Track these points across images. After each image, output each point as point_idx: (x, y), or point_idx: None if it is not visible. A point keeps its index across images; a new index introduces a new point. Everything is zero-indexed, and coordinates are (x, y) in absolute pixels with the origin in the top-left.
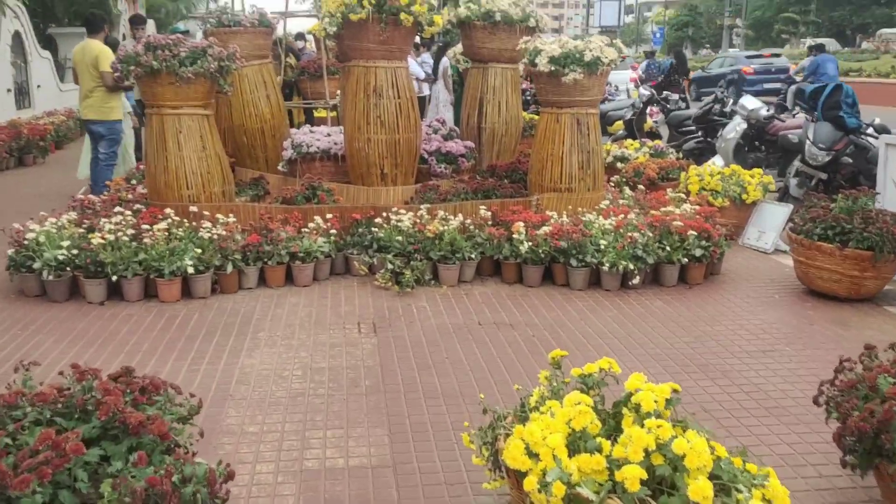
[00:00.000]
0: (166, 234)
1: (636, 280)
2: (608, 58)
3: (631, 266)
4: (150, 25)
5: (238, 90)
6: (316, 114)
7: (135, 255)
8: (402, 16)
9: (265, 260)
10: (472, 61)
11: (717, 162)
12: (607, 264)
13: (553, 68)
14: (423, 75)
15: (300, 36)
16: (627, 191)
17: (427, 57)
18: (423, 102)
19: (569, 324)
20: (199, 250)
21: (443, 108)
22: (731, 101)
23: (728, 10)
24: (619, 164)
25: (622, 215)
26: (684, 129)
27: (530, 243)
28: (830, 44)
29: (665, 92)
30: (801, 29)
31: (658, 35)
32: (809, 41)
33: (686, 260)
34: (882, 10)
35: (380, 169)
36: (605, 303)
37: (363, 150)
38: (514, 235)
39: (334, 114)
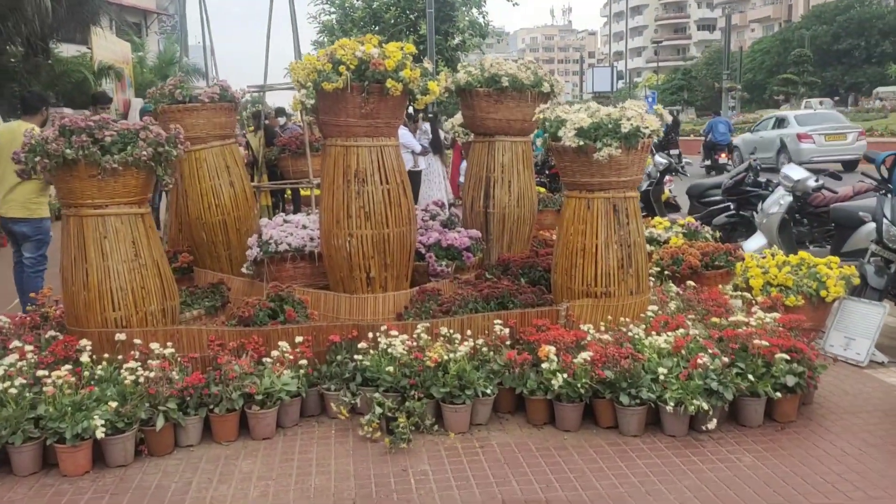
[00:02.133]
0: (76, 378)
1: (711, 424)
2: (649, 128)
3: (704, 405)
4: (137, 104)
5: (195, 178)
6: (303, 192)
7: (30, 412)
8: (389, 83)
9: (211, 407)
10: (474, 134)
11: (757, 241)
12: (671, 402)
13: (582, 143)
14: (419, 148)
15: (280, 112)
16: (673, 287)
17: (427, 127)
18: (416, 178)
19: (632, 502)
20: (115, 403)
21: (435, 187)
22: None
23: (726, 73)
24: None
25: (680, 329)
26: (707, 199)
27: (565, 374)
28: (827, 103)
29: (667, 151)
30: (801, 90)
31: (651, 99)
32: (813, 101)
33: (777, 393)
34: (874, 68)
35: (365, 272)
36: (675, 460)
37: (343, 248)
38: (544, 364)
39: (318, 191)
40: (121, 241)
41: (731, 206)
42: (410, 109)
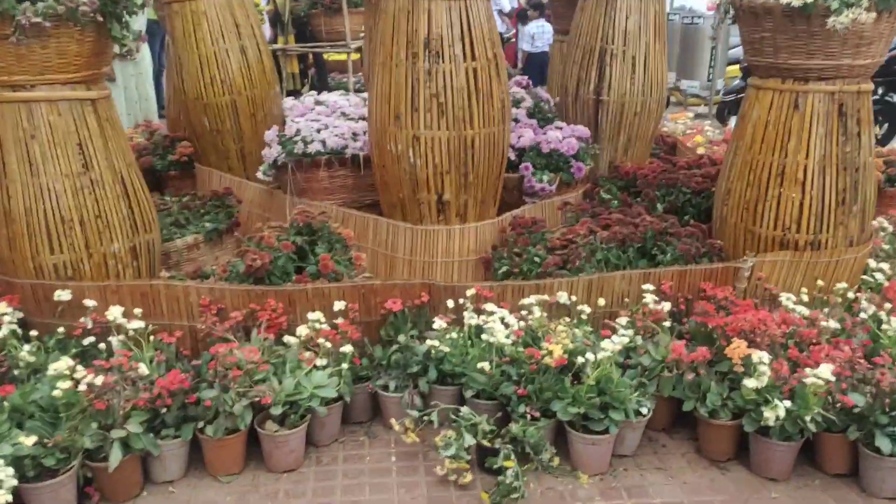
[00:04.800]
0: None
1: None
2: None
3: None
4: None
5: (191, 40)
6: (328, 56)
7: None
8: None
9: (200, 426)
10: None
11: None
12: None
13: (805, 1)
14: (508, 6)
15: None
16: (888, 227)
17: None
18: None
19: None
20: (31, 438)
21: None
22: None
23: None
24: None
25: None
26: None
27: (786, 403)
28: None
29: None
30: None
31: None
32: None
33: None
34: None
35: (436, 193)
36: None
37: (404, 158)
38: (747, 380)
39: (357, 56)
40: (59, 143)
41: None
42: None
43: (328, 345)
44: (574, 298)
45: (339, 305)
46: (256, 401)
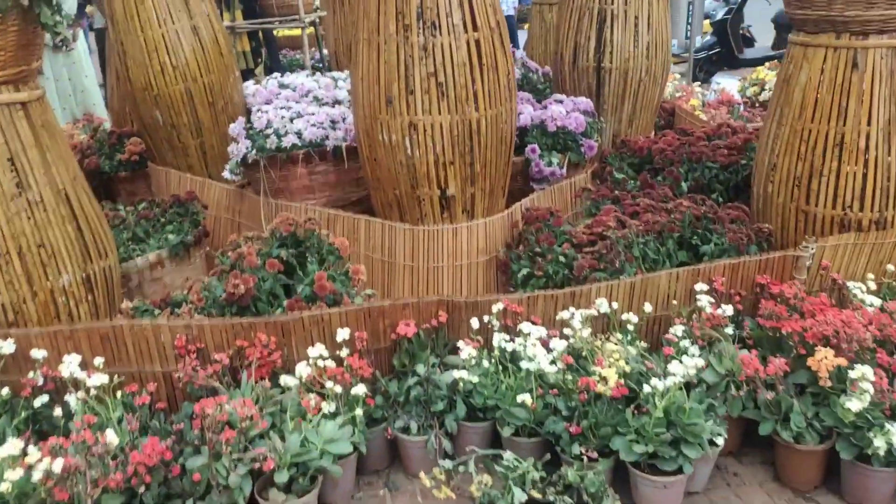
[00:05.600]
0: None
1: None
2: None
3: None
4: None
5: (134, 23)
6: (278, 33)
7: None
8: None
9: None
10: None
11: None
12: None
13: None
14: None
15: None
16: None
17: None
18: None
19: None
20: None
21: None
22: None
23: None
24: None
25: None
26: None
27: (891, 425)
28: None
29: None
30: None
31: None
32: None
33: None
34: None
35: (438, 187)
36: None
37: (399, 149)
38: (848, 401)
39: (311, 30)
40: None
41: None
42: None
43: (337, 389)
44: (615, 305)
45: (342, 334)
46: (256, 466)
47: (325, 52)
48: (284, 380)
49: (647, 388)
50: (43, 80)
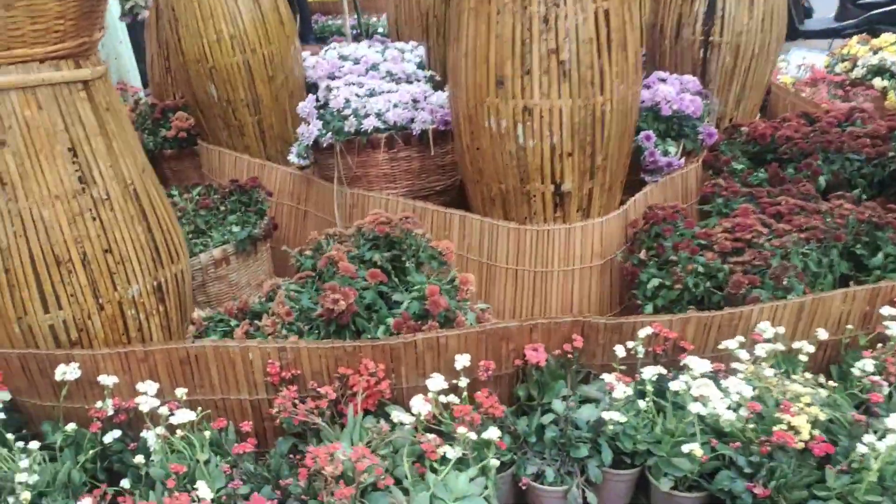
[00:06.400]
0: None
1: None
2: None
3: None
4: None
5: None
6: None
7: None
8: None
9: None
10: None
11: None
12: None
13: None
14: None
15: None
16: None
17: None
18: None
19: None
20: None
21: None
22: None
23: None
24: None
25: None
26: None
27: None
28: None
29: None
30: None
31: None
32: None
33: None
34: None
35: (552, 182)
36: None
37: (509, 137)
38: None
39: None
40: (42, 149)
41: None
42: None
43: (471, 435)
44: (781, 330)
45: (461, 361)
46: None
47: (372, 18)
48: (397, 416)
49: (861, 448)
50: None
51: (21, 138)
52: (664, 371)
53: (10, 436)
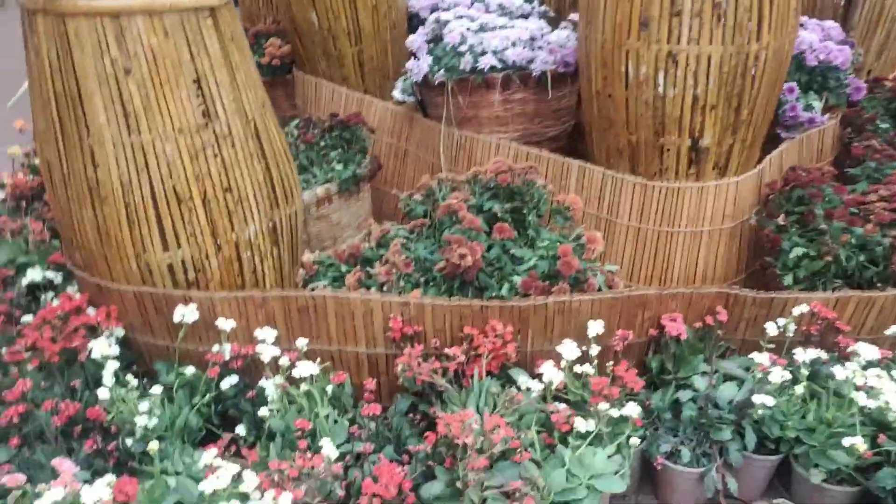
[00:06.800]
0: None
1: None
2: None
3: None
4: None
5: None
6: None
7: None
8: None
9: None
10: None
11: None
12: None
13: None
14: None
15: None
16: None
17: None
18: None
19: None
20: None
21: None
22: None
23: None
24: None
25: None
26: None
27: None
28: None
29: None
30: None
31: None
32: None
33: None
34: None
35: (689, 136)
36: None
37: (647, 85)
38: None
39: None
40: (167, 80)
41: None
42: None
43: (612, 412)
44: None
45: (595, 328)
46: None
47: None
48: (524, 381)
49: None
50: None
51: (146, 67)
52: (821, 354)
53: (129, 377)
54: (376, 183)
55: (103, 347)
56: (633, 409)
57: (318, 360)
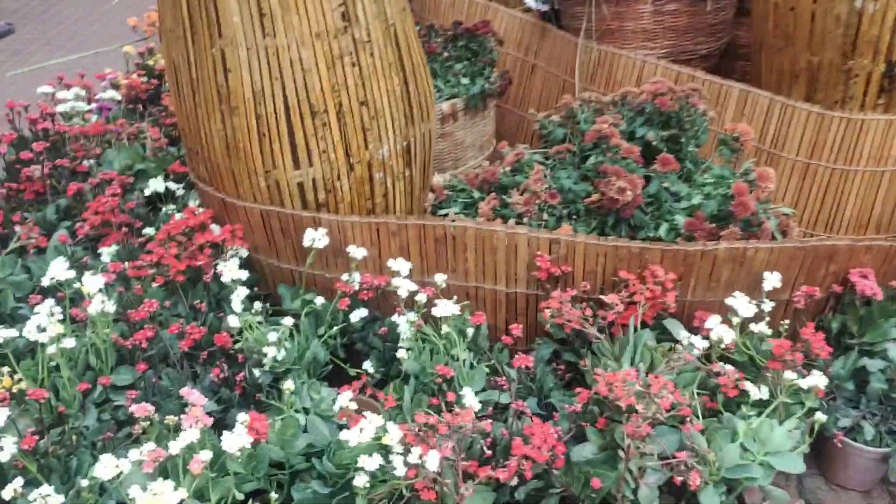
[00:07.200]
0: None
1: None
2: None
3: None
4: None
5: None
6: None
7: None
8: None
9: None
10: None
11: None
12: None
13: None
14: None
15: None
16: None
17: None
18: None
19: None
20: None
21: None
22: None
23: None
24: None
25: None
26: None
27: None
28: None
29: None
30: None
31: None
32: None
33: None
34: None
35: (885, 61)
36: None
37: None
38: None
39: None
40: None
41: None
42: None
43: (802, 382)
44: None
45: (771, 280)
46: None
47: None
48: (686, 337)
49: None
50: None
51: None
52: None
53: (257, 304)
54: (501, 100)
55: (233, 271)
56: (818, 380)
57: (455, 297)
